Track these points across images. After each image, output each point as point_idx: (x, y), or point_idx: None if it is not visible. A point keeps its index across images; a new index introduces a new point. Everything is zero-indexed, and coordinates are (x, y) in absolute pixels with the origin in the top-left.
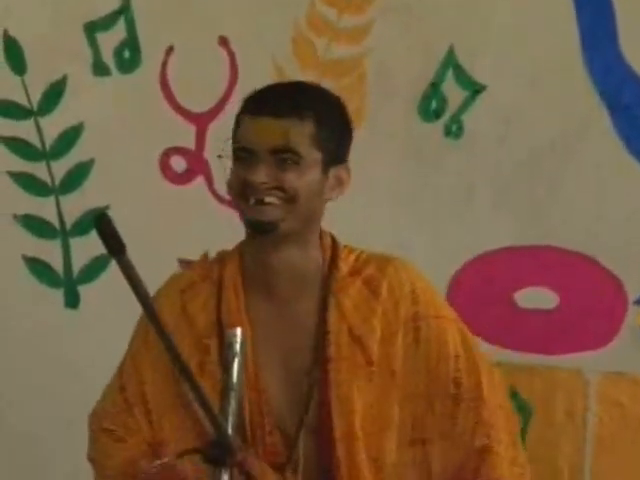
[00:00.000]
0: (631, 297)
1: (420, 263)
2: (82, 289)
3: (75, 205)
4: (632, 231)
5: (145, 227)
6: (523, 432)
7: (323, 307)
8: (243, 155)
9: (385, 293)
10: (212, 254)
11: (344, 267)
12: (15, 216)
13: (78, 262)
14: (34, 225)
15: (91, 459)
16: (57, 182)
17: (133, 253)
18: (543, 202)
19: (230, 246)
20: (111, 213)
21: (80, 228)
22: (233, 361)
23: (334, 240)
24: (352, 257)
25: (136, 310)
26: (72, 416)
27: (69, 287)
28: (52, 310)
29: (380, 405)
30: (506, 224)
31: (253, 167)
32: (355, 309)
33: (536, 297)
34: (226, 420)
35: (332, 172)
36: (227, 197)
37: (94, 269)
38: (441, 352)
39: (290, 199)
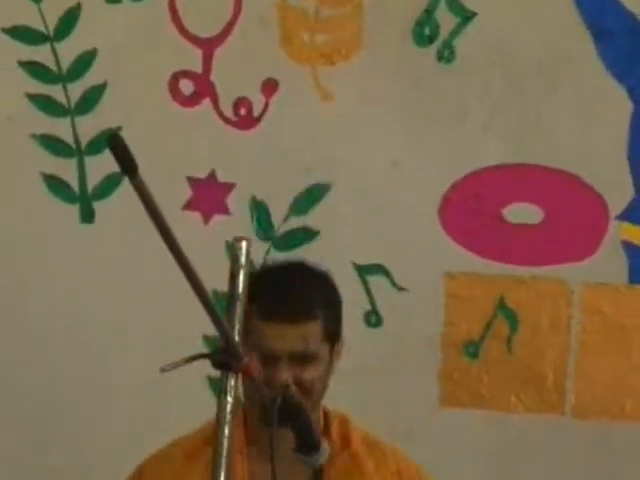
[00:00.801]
0: (613, 212)
1: (413, 181)
2: (97, 205)
3: (90, 125)
4: (614, 151)
5: (156, 147)
6: (510, 340)
7: (315, 474)
8: (263, 356)
9: (372, 469)
10: (219, 174)
11: (336, 438)
12: (33, 136)
13: (93, 180)
14: (51, 144)
15: None
16: (73, 104)
17: (144, 171)
18: (531, 123)
19: (234, 164)
20: (123, 133)
21: (95, 147)
22: (239, 272)
23: (325, 411)
24: (344, 429)
25: (148, 224)
26: (88, 334)
27: (84, 203)
28: (68, 225)
29: None
30: (495, 144)
31: (276, 368)
32: None
33: (523, 212)
34: (232, 328)
35: (335, 351)
36: (233, 118)
37: (108, 186)
38: None
39: (307, 391)
